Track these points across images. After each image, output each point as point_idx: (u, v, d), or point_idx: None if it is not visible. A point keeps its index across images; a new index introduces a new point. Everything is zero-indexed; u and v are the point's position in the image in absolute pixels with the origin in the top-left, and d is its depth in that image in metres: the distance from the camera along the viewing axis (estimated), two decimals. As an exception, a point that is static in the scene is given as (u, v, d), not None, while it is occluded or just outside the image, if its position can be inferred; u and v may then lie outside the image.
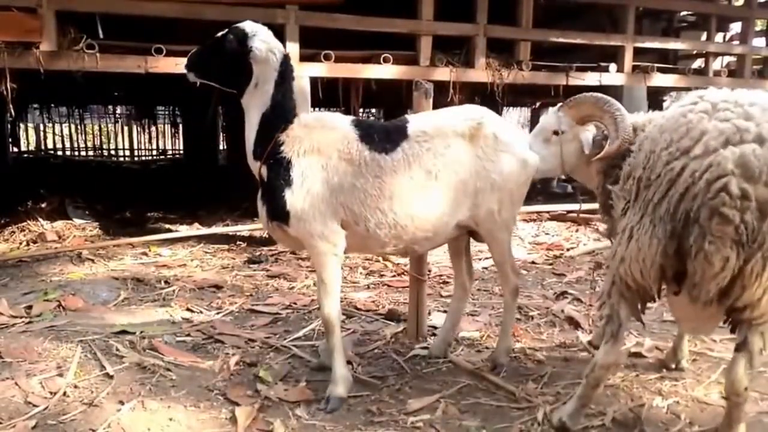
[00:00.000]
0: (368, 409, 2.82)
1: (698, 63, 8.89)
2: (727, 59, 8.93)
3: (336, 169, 2.82)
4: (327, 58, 5.97)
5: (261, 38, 2.81)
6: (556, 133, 3.18)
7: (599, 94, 3.11)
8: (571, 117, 3.16)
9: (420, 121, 3.05)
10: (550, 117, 3.26)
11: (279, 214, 2.83)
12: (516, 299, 3.35)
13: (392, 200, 2.85)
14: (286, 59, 2.88)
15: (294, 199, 2.78)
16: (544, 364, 3.29)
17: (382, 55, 6.18)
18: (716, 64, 8.47)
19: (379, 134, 2.93)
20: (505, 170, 3.00)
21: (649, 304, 2.46)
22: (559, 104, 3.24)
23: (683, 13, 9.45)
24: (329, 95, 6.42)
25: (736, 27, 9.34)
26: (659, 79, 7.57)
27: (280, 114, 2.86)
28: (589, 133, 3.16)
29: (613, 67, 7.30)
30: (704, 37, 8.49)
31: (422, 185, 2.88)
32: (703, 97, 2.20)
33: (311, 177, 2.79)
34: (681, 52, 9.04)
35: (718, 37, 8.85)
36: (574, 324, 3.88)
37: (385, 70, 6.25)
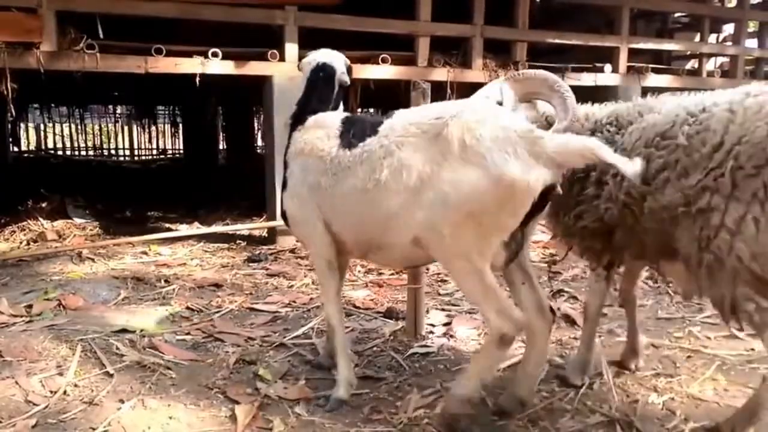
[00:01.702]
0: (367, 407, 2.84)
1: (692, 63, 8.95)
2: (720, 60, 8.99)
3: (311, 168, 2.74)
4: (326, 58, 5.99)
5: (313, 56, 3.09)
6: (499, 104, 2.88)
7: (550, 73, 2.90)
8: (515, 91, 2.93)
9: (402, 115, 2.61)
10: (492, 87, 2.97)
11: (282, 215, 2.97)
12: (502, 351, 2.46)
13: (342, 200, 2.63)
14: (316, 68, 3.02)
15: (285, 200, 2.89)
16: (541, 362, 3.30)
17: (381, 56, 6.22)
18: (709, 65, 8.52)
19: (357, 130, 2.67)
20: (466, 186, 2.25)
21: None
22: (505, 76, 3.05)
23: (677, 14, 9.51)
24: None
25: (728, 28, 9.41)
26: (653, 80, 7.62)
27: (298, 117, 2.97)
28: (529, 112, 2.93)
29: (608, 67, 7.37)
30: (698, 38, 8.55)
31: (364, 187, 2.51)
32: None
33: (294, 178, 2.84)
34: (675, 52, 9.11)
35: (712, 38, 8.91)
36: (571, 321, 3.91)
37: (384, 71, 6.29)
